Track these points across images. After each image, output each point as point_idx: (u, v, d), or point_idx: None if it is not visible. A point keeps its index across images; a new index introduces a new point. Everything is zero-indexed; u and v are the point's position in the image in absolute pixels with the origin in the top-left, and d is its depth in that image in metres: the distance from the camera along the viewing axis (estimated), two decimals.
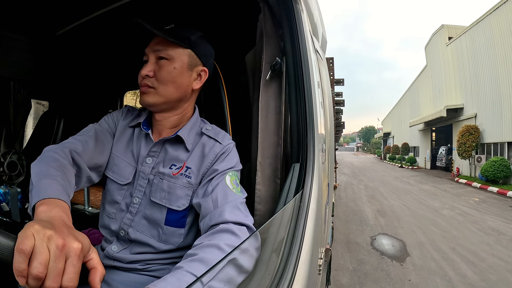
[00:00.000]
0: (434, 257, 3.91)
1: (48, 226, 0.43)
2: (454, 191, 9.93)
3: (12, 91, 1.74)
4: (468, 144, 12.77)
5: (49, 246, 0.40)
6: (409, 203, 7.64)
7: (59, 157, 0.68)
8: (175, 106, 0.81)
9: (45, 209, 0.50)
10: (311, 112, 0.82)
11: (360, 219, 5.87)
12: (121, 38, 1.51)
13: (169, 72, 0.77)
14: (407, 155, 25.43)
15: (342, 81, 7.07)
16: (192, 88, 0.82)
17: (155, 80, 0.77)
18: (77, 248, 0.42)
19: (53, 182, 0.58)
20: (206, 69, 0.83)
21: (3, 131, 1.77)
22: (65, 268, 0.41)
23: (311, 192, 0.72)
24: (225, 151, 0.79)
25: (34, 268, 0.38)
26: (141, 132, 0.84)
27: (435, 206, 7.32)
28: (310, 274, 0.62)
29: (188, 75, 0.80)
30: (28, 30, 1.46)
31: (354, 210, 6.75)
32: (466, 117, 14.55)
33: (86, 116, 1.84)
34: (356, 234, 4.88)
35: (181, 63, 0.78)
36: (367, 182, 12.43)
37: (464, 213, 6.50)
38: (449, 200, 8.15)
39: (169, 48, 0.77)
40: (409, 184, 11.74)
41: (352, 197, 8.54)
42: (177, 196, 0.76)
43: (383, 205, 7.33)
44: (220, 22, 1.31)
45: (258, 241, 0.60)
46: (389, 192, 9.48)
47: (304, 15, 0.93)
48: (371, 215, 6.24)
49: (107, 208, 0.83)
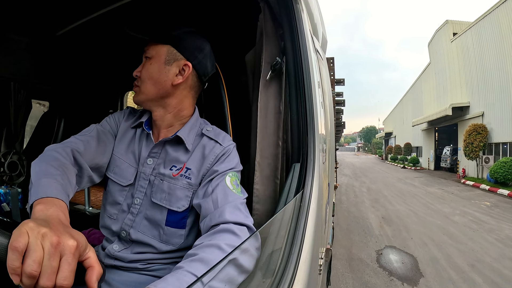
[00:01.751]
0: (452, 277, 3.33)
1: (43, 224, 0.42)
2: (462, 194, 9.36)
3: (13, 92, 1.72)
4: (476, 144, 12.12)
5: (43, 244, 0.40)
6: (416, 208, 7.06)
7: (60, 156, 0.68)
8: (159, 102, 0.81)
9: (42, 208, 0.50)
10: (311, 112, 0.82)
11: (363, 228, 5.27)
12: (121, 38, 1.49)
13: (146, 70, 0.79)
14: (409, 155, 24.84)
15: (343, 81, 7.11)
16: (172, 83, 0.80)
17: (140, 79, 0.81)
18: (72, 246, 0.42)
19: (53, 181, 0.58)
20: (189, 63, 0.80)
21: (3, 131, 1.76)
22: (60, 266, 0.40)
23: (311, 192, 0.72)
24: (226, 152, 0.79)
25: (27, 266, 0.37)
26: (142, 133, 0.85)
27: (445, 211, 6.75)
28: (310, 274, 0.62)
29: (166, 70, 0.79)
30: (29, 31, 1.45)
31: (356, 216, 6.14)
32: (472, 115, 13.91)
33: (87, 116, 1.86)
34: (360, 247, 4.28)
35: (158, 59, 0.79)
36: (370, 184, 11.82)
37: (477, 220, 5.92)
38: (459, 205, 7.57)
39: (150, 47, 0.80)
40: (414, 186, 11.14)
41: (354, 201, 7.94)
42: (177, 197, 0.77)
43: (388, 211, 6.74)
44: (220, 22, 1.30)
45: (258, 241, 0.61)
46: (393, 196, 8.89)
47: (304, 14, 0.93)
48: (375, 223, 5.64)
49: (109, 209, 0.83)
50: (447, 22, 16.94)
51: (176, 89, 0.81)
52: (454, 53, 15.97)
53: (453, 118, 15.49)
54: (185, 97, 0.83)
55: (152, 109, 0.82)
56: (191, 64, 0.80)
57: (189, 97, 0.84)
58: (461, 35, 15.18)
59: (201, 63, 0.82)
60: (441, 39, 17.53)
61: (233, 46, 1.30)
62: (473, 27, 13.98)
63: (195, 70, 0.82)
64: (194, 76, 0.83)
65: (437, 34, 18.34)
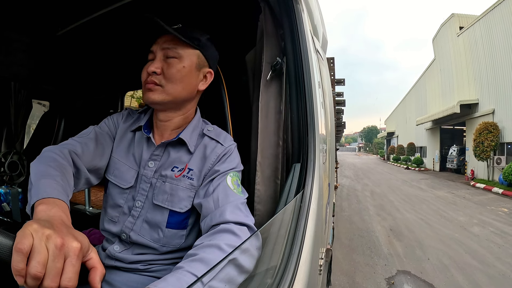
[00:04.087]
0: None
1: (46, 225, 0.43)
2: (475, 199, 8.53)
3: (13, 91, 1.70)
4: (487, 143, 11.26)
5: (48, 246, 0.40)
6: (427, 217, 6.25)
7: (59, 157, 0.68)
8: (180, 106, 0.81)
9: (44, 208, 0.51)
10: (311, 112, 0.82)
11: (369, 245, 4.43)
12: (122, 38, 1.47)
13: (178, 71, 0.77)
14: (413, 155, 23.84)
15: (343, 81, 7.00)
16: (198, 89, 0.82)
17: (163, 78, 0.76)
18: (76, 247, 0.42)
19: (53, 182, 0.58)
20: (212, 71, 0.84)
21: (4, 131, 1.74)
22: (64, 267, 0.41)
23: (311, 192, 0.72)
24: (227, 152, 0.79)
25: (32, 267, 0.38)
26: (142, 136, 0.84)
27: (461, 220, 5.95)
28: (311, 274, 0.62)
29: (196, 75, 0.80)
30: (29, 30, 1.44)
31: (360, 228, 5.31)
32: (482, 113, 13.02)
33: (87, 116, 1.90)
34: (365, 273, 3.43)
35: (190, 62, 0.79)
36: (373, 187, 10.98)
37: (500, 232, 5.12)
38: (475, 212, 6.76)
39: (178, 47, 0.78)
40: (421, 190, 10.31)
41: (357, 208, 7.11)
42: (180, 198, 0.77)
43: (397, 220, 5.92)
44: (220, 22, 1.29)
45: (259, 241, 0.61)
46: (400, 201, 8.06)
47: (304, 15, 0.92)
48: (383, 237, 4.80)
49: (109, 212, 0.82)
50: (453, 15, 16.04)
51: (197, 95, 0.84)
52: (461, 47, 15.03)
53: (461, 116, 14.53)
54: (197, 101, 0.86)
55: (165, 111, 0.81)
56: (213, 72, 0.84)
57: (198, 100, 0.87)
58: (468, 29, 14.26)
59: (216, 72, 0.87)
60: (447, 33, 16.58)
61: (233, 46, 1.29)
62: (481, 20, 13.06)
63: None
64: None
65: (442, 29, 17.36)
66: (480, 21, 13.22)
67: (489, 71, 12.69)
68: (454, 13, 16.04)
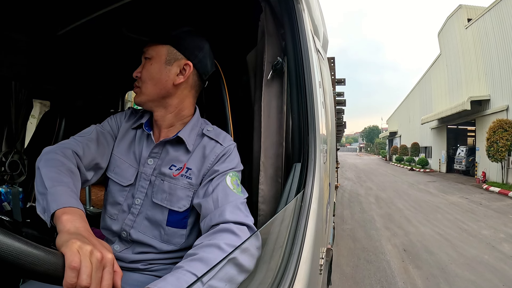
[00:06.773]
0: None
1: (85, 241, 0.48)
2: (493, 206, 7.56)
3: (14, 91, 1.68)
4: (502, 143, 10.25)
5: (92, 260, 0.46)
6: (446, 230, 5.24)
7: (66, 160, 0.69)
8: (161, 103, 0.82)
9: (69, 218, 0.54)
10: (312, 112, 0.82)
11: (378, 276, 3.34)
12: (122, 38, 1.47)
13: (147, 70, 0.80)
14: (417, 156, 22.70)
15: (344, 80, 6.91)
16: (173, 83, 0.80)
17: (140, 80, 0.81)
18: (111, 258, 0.49)
19: (68, 189, 0.61)
20: (190, 63, 0.81)
21: (4, 130, 1.73)
22: (103, 276, 0.47)
23: (312, 192, 0.73)
24: (226, 152, 0.79)
25: (83, 280, 0.43)
26: (143, 134, 0.85)
27: (485, 235, 4.97)
28: (311, 274, 0.63)
29: (167, 70, 0.80)
30: (29, 30, 1.44)
31: (366, 249, 4.25)
32: (494, 110, 11.96)
33: (88, 116, 1.88)
34: None
35: (158, 59, 0.80)
36: (377, 191, 10.01)
37: None
38: (498, 223, 5.79)
39: (150, 47, 0.81)
40: (431, 194, 9.35)
41: (361, 218, 6.11)
42: (178, 197, 0.77)
43: (410, 237, 4.88)
44: (221, 22, 1.30)
45: (259, 241, 0.61)
46: (410, 209, 7.05)
47: (305, 14, 0.93)
48: (396, 262, 3.73)
49: (109, 209, 0.83)
50: (460, 7, 14.94)
51: (177, 89, 0.82)
52: (469, 40, 13.93)
53: (471, 114, 13.46)
54: (186, 96, 0.84)
55: (153, 110, 0.83)
56: (192, 64, 0.81)
57: (190, 96, 0.85)
58: (478, 20, 13.19)
59: (201, 62, 0.83)
60: (454, 26, 15.42)
61: (234, 46, 1.30)
62: (492, 9, 12.00)
63: (195, 69, 0.83)
64: (194, 75, 0.84)
65: (448, 22, 16.21)
66: (490, 11, 12.18)
67: (501, 65, 11.65)
68: (462, 5, 14.93)
